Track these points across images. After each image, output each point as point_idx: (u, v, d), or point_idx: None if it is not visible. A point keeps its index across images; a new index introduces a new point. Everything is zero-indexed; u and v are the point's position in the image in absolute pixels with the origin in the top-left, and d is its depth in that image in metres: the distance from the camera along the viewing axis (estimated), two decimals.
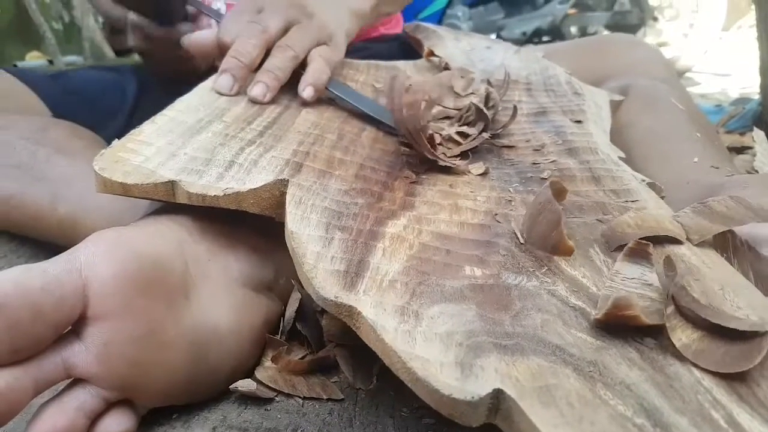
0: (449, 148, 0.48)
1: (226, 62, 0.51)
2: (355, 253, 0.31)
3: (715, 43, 2.53)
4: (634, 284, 0.28)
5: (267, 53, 0.52)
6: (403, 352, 0.24)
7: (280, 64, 0.51)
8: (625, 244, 0.30)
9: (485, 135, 0.49)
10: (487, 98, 0.54)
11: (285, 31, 0.54)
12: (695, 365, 0.24)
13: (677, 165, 0.54)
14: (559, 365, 0.23)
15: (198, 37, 0.56)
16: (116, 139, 0.39)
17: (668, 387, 0.22)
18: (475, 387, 0.22)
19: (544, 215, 0.31)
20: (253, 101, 0.50)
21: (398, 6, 0.77)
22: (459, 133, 0.50)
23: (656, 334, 0.25)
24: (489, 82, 0.63)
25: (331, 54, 0.56)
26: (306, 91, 0.51)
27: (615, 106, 0.64)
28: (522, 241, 0.33)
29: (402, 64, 0.73)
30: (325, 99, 0.55)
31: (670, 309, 0.25)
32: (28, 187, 0.50)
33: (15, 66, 2.20)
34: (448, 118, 0.56)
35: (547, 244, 0.31)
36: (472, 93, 0.62)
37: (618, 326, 0.26)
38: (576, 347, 0.24)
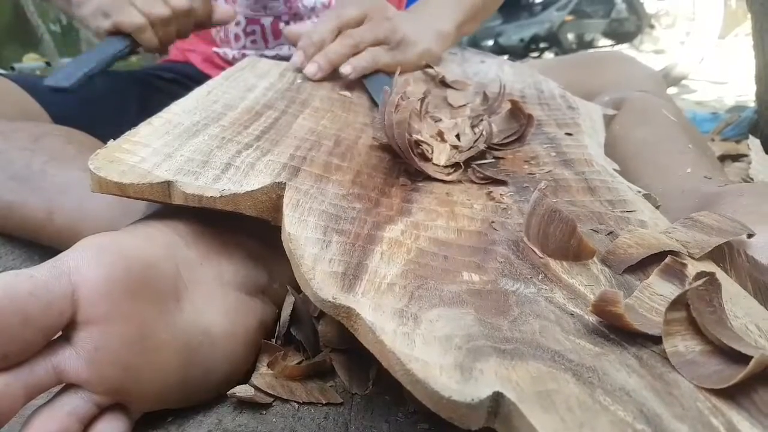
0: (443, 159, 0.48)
1: (302, 42, 0.62)
2: (354, 256, 0.31)
3: (711, 51, 2.54)
4: (660, 300, 0.27)
5: None
6: (402, 353, 0.23)
7: (337, 49, 0.60)
8: (633, 265, 0.31)
9: (481, 146, 0.49)
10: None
11: (359, 22, 0.63)
12: None
13: (671, 175, 0.55)
14: (558, 370, 0.23)
15: (294, 29, 0.68)
16: (112, 140, 0.39)
17: (667, 394, 0.22)
18: (475, 390, 0.21)
19: (555, 225, 0.32)
20: (307, 77, 0.60)
21: (479, 23, 0.84)
22: (453, 146, 0.50)
23: (655, 341, 0.25)
24: (485, 94, 0.63)
25: (388, 56, 0.64)
26: (344, 67, 0.60)
27: (608, 121, 0.65)
28: (541, 256, 0.33)
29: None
30: (323, 106, 0.55)
31: (678, 315, 0.25)
32: (24, 200, 0.50)
33: (12, 68, 2.19)
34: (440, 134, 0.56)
35: (568, 253, 0.32)
36: (466, 104, 0.63)
37: (617, 328, 0.26)
38: (575, 353, 0.24)
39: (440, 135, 0.50)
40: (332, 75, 0.64)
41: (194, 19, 0.72)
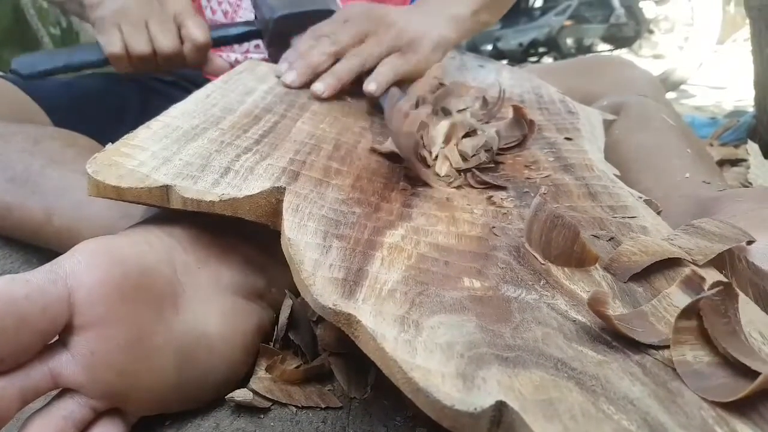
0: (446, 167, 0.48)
1: (296, 64, 0.59)
2: (354, 262, 0.31)
3: (710, 56, 2.55)
4: (675, 312, 0.27)
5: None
6: (404, 361, 0.23)
7: (344, 68, 0.59)
8: (638, 272, 0.31)
9: (483, 157, 0.48)
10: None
11: (359, 42, 0.60)
12: None
13: (670, 180, 0.55)
14: (561, 378, 0.22)
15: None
16: (110, 143, 0.39)
17: (671, 402, 0.22)
18: (478, 398, 0.21)
19: (557, 231, 0.31)
20: (314, 96, 0.57)
21: (497, 15, 0.81)
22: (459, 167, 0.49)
23: (659, 349, 0.25)
24: (484, 99, 0.63)
25: (402, 61, 0.62)
26: (369, 85, 0.58)
27: (607, 125, 0.65)
28: (542, 262, 0.32)
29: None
30: (322, 110, 0.55)
31: (688, 324, 0.24)
32: (23, 202, 0.50)
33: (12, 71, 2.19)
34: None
35: (570, 259, 0.32)
36: (466, 109, 0.62)
37: (622, 338, 0.26)
38: (578, 361, 0.24)
39: (448, 140, 0.50)
40: None
41: (181, 62, 0.69)
